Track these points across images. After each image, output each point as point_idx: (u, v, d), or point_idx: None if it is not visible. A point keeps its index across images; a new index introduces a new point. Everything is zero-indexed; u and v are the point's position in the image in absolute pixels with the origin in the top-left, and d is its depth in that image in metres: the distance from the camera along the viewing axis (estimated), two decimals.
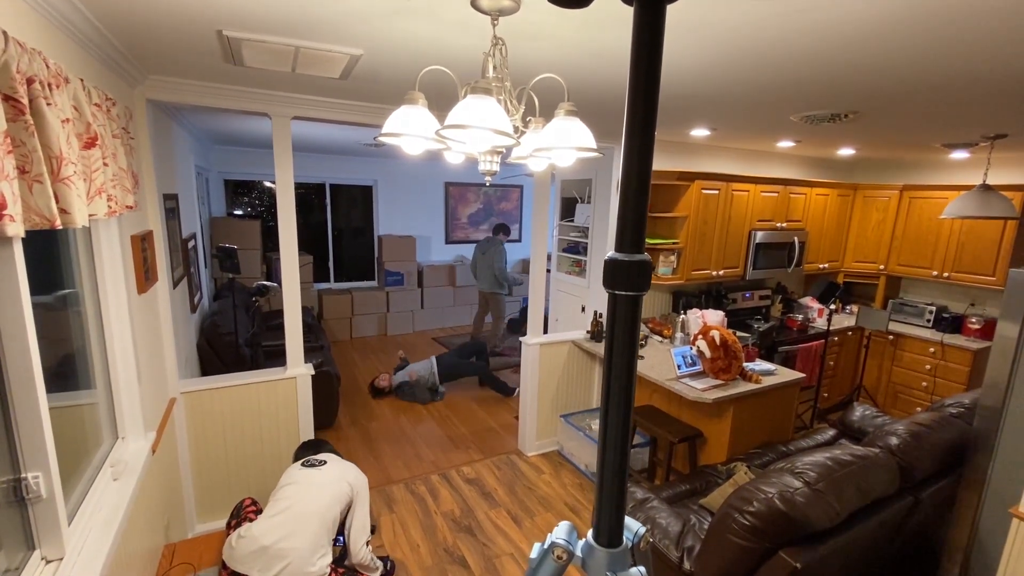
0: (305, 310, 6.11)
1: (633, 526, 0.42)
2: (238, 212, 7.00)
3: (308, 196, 7.13)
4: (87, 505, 1.61)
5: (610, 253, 0.33)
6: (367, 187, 7.39)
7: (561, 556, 0.47)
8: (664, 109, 2.75)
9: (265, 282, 4.41)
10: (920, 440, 2.21)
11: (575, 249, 4.61)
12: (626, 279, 0.32)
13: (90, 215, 1.28)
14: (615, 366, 0.33)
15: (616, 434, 0.34)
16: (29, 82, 1.03)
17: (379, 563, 2.30)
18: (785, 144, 4.06)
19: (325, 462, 2.28)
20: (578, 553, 0.46)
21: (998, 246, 4.04)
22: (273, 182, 3.34)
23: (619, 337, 0.33)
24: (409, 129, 1.25)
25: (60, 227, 1.06)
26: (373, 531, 2.42)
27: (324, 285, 7.24)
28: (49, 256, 1.63)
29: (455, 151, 1.43)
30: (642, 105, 0.31)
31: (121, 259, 1.94)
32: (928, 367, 4.32)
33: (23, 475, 1.28)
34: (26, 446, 1.28)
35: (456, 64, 1.94)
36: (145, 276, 2.26)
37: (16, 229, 0.97)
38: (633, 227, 0.32)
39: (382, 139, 1.30)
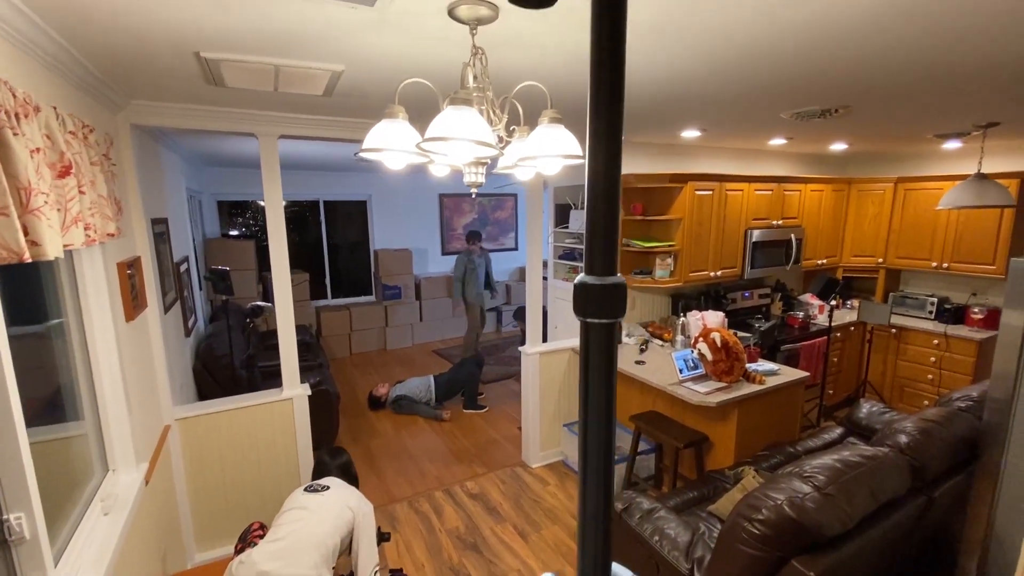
0: (303, 328, 6.07)
1: (623, 574, 0.38)
2: (233, 233, 6.98)
3: (303, 213, 7.11)
4: (75, 543, 1.56)
5: (580, 276, 0.30)
6: (361, 202, 7.37)
7: None
8: (653, 112, 2.73)
9: (259, 303, 4.38)
10: (930, 437, 2.17)
11: (571, 256, 4.58)
12: (599, 305, 0.29)
13: (65, 246, 1.25)
14: (592, 403, 0.29)
15: (597, 479, 0.30)
16: None
17: None
18: (777, 142, 4.04)
19: (328, 487, 2.23)
20: None
21: (996, 235, 4.01)
22: None
23: (595, 371, 0.29)
24: (390, 144, 1.21)
25: (29, 260, 1.02)
26: (388, 538, 2.38)
27: (322, 302, 7.20)
28: (30, 286, 1.59)
29: (438, 164, 1.40)
30: (606, 109, 0.27)
31: (106, 287, 1.91)
32: (933, 359, 4.27)
33: (5, 516, 1.24)
34: (7, 486, 1.23)
35: (439, 75, 1.92)
36: (133, 303, 2.22)
37: None
38: (603, 246, 0.28)
39: (363, 155, 1.27)
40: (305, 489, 2.24)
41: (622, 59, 0.27)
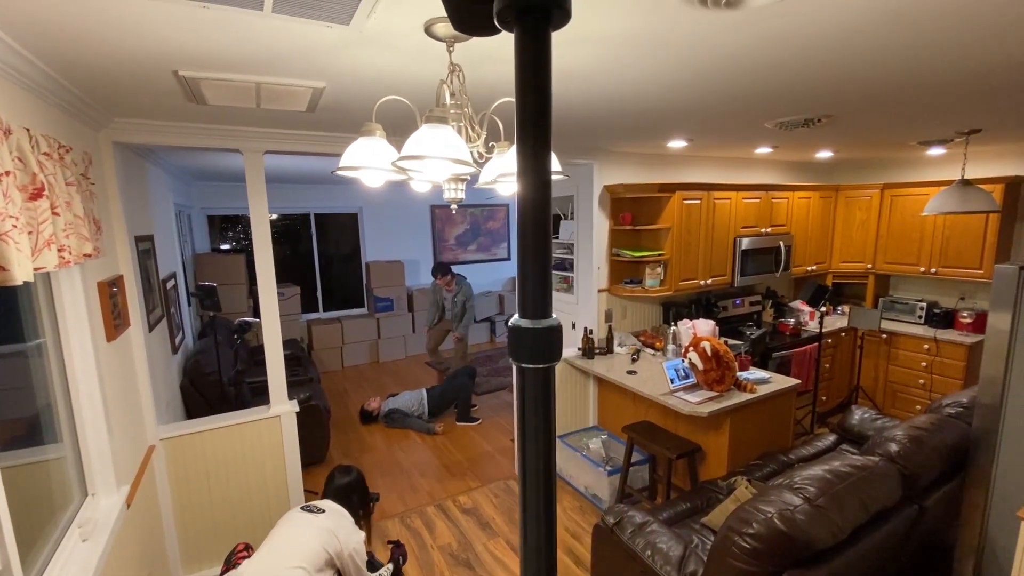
0: (294, 342, 6.02)
1: None
2: (224, 247, 6.94)
3: (294, 227, 7.08)
4: (51, 572, 1.52)
5: (514, 319, 0.28)
6: (352, 214, 7.35)
7: None
8: (639, 123, 2.74)
9: (247, 319, 4.34)
10: (920, 445, 2.16)
11: (562, 266, 4.57)
12: (533, 350, 0.27)
13: (36, 269, 1.22)
14: (529, 453, 0.28)
15: (538, 534, 0.28)
16: None
17: None
18: (763, 150, 4.07)
19: (324, 511, 2.21)
20: None
21: (983, 239, 4.04)
22: None
23: (531, 418, 0.28)
24: (367, 162, 1.20)
25: None
26: (377, 498, 2.42)
27: (313, 315, 7.15)
28: (5, 306, 1.56)
29: (418, 180, 1.39)
30: (532, 144, 0.26)
31: (85, 307, 1.88)
32: (924, 364, 4.28)
33: None
34: None
35: (420, 90, 1.91)
36: (115, 322, 2.19)
37: None
38: (536, 287, 0.27)
39: (340, 173, 1.26)
40: (301, 508, 2.23)
41: (548, 96, 0.26)
